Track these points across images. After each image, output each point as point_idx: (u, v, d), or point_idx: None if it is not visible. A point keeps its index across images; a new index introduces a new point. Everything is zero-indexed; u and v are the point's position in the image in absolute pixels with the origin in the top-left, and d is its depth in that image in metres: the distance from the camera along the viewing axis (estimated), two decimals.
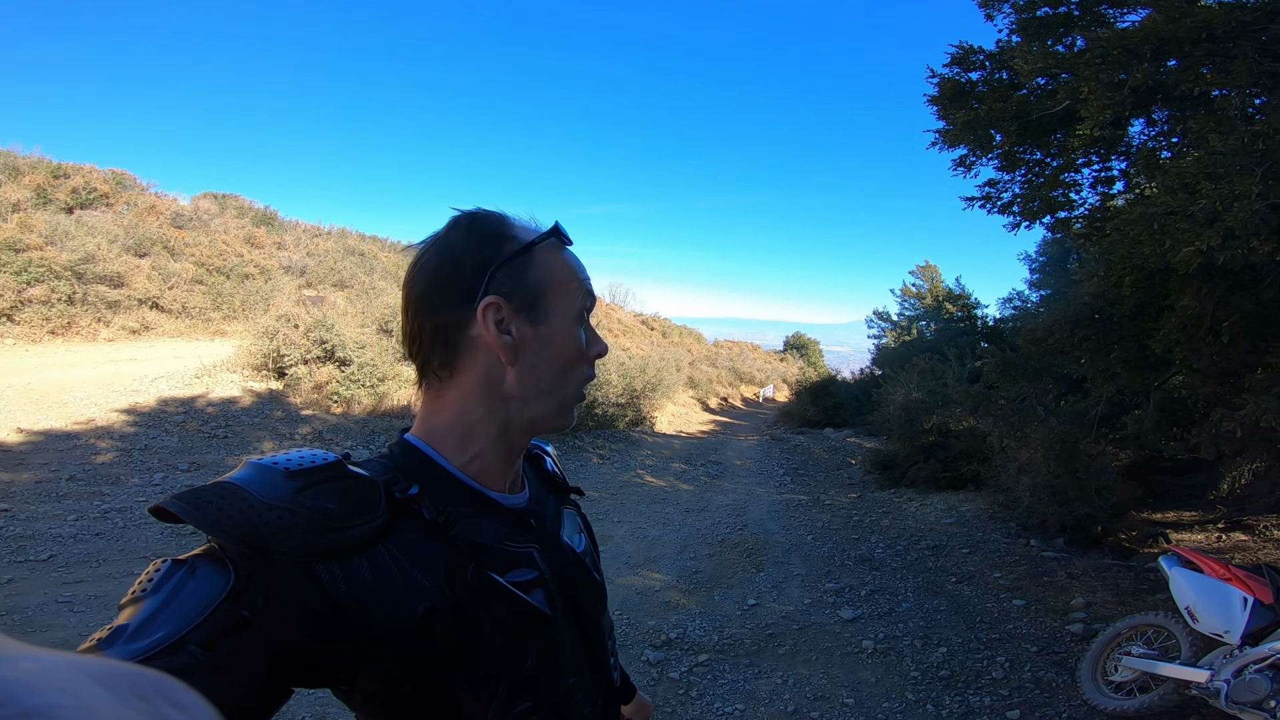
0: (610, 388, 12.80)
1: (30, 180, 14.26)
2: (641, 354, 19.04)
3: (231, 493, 0.60)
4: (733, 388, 26.11)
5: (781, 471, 10.47)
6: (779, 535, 6.54)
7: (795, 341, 43.07)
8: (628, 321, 27.98)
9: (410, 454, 0.77)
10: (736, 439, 14.56)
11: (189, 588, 0.56)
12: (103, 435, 6.98)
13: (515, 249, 0.78)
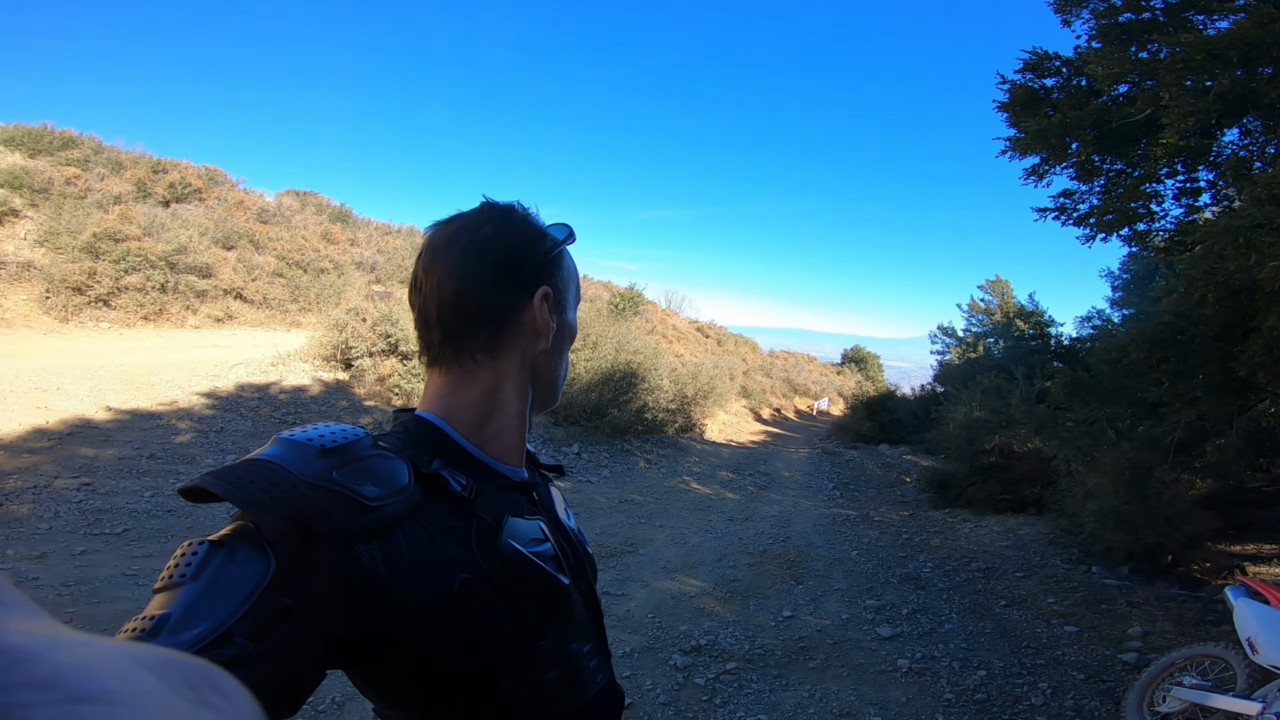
0: (661, 393, 12.78)
1: (132, 175, 15.19)
2: (695, 361, 18.94)
3: (273, 471, 0.59)
4: (786, 399, 25.71)
5: (831, 485, 10.23)
6: (822, 549, 6.37)
7: (854, 355, 42.18)
8: (682, 328, 27.87)
9: (427, 430, 0.77)
10: (787, 451, 14.32)
11: (230, 574, 0.54)
12: (183, 417, 7.36)
13: (553, 245, 0.85)
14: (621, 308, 19.89)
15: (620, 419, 10.93)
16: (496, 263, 0.80)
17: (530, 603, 0.74)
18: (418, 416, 0.79)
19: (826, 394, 27.62)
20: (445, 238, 0.81)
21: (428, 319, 0.80)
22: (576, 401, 10.77)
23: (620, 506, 7.59)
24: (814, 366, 35.54)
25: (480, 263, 0.79)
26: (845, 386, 28.93)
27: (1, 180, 12.12)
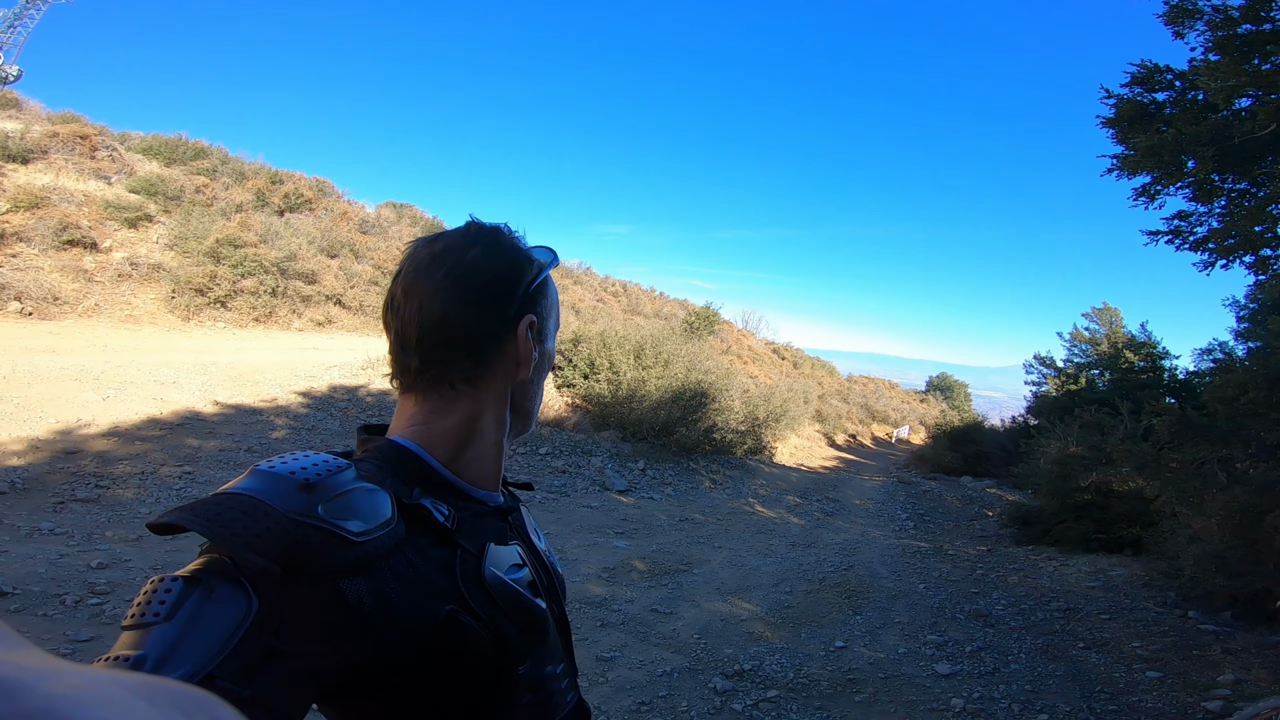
0: (732, 414, 12.59)
1: (252, 185, 16.41)
2: (769, 383, 18.62)
3: (253, 507, 0.56)
4: (863, 425, 24.88)
5: (904, 516, 9.75)
6: (887, 580, 6.03)
7: (940, 383, 40.57)
8: (758, 349, 27.50)
9: (405, 458, 0.75)
10: (860, 478, 13.78)
11: (209, 614, 0.51)
12: (281, 414, 7.78)
13: (539, 271, 0.83)
14: (696, 327, 19.82)
15: (688, 438, 10.81)
16: (483, 289, 0.77)
17: (512, 630, 0.73)
18: (395, 443, 0.76)
19: (907, 422, 26.57)
20: (429, 258, 0.78)
21: (405, 343, 0.77)
22: (645, 419, 10.73)
23: (680, 525, 7.46)
24: (895, 393, 34.37)
25: (466, 288, 0.76)
26: (928, 415, 27.75)
27: (139, 187, 13.30)
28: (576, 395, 11.69)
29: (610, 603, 4.84)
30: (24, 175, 12.25)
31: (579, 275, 25.72)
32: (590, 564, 5.63)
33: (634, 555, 6.04)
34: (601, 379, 11.39)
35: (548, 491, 7.79)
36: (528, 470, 8.33)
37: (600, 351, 11.77)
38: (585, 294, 23.00)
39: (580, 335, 12.25)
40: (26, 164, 12.68)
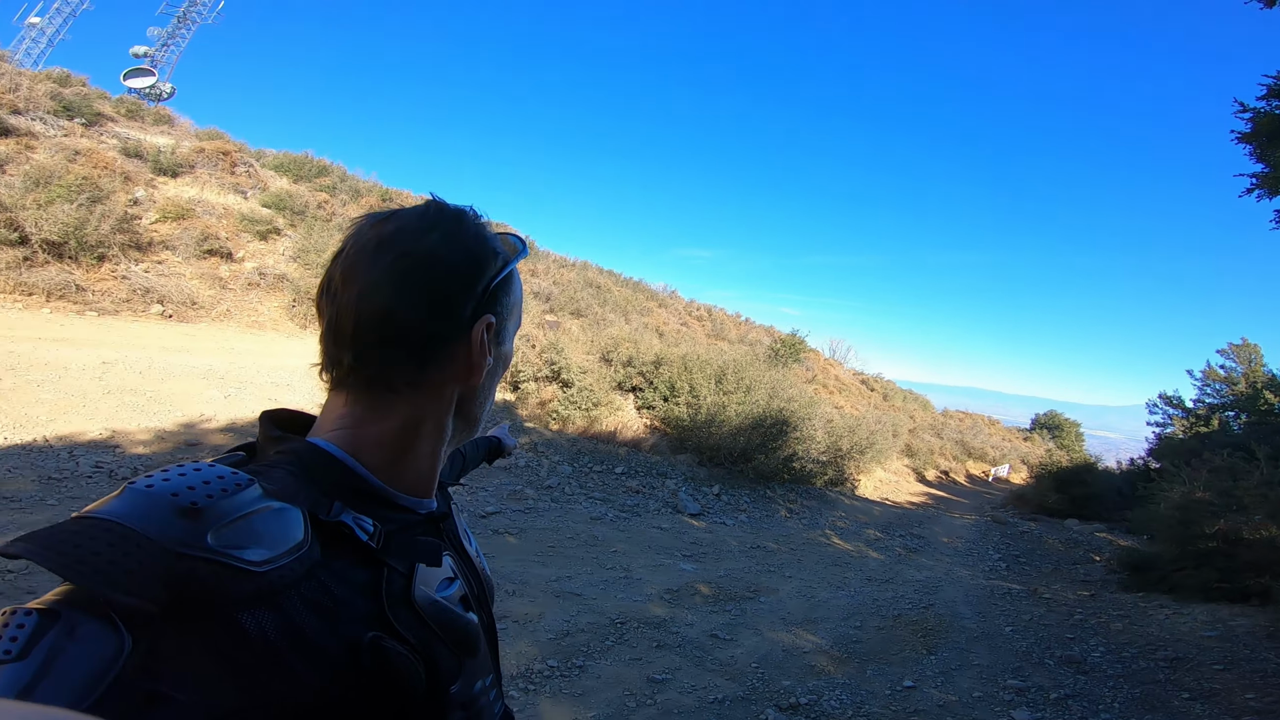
0: (813, 444, 12.25)
1: (366, 202, 17.58)
2: (855, 414, 18.02)
3: (121, 537, 0.47)
4: (957, 462, 23.57)
5: (997, 556, 9.11)
6: (969, 620, 5.62)
7: (1047, 421, 38.02)
8: (845, 379, 26.69)
9: (326, 464, 0.67)
10: (949, 515, 13.02)
11: (71, 653, 0.43)
12: None
13: (504, 265, 0.74)
14: (781, 354, 19.51)
15: (766, 465, 10.58)
16: (436, 283, 0.69)
17: (443, 650, 0.67)
18: (316, 447, 0.68)
19: (1007, 460, 24.96)
20: (376, 241, 0.69)
21: (339, 335, 0.68)
22: (723, 444, 10.60)
23: (751, 552, 7.26)
24: (995, 430, 32.46)
25: (416, 281, 0.68)
26: (1031, 454, 26.00)
27: (270, 202, 14.48)
28: (655, 417, 11.71)
29: (669, 624, 4.74)
30: (173, 188, 13.41)
31: (663, 298, 25.88)
32: (654, 584, 5.55)
33: (700, 579, 5.92)
34: (681, 402, 11.37)
35: (619, 510, 7.78)
36: (601, 488, 8.36)
37: (681, 375, 11.78)
38: (669, 317, 23.08)
39: (662, 358, 12.30)
40: (176, 177, 13.83)
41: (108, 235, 10.65)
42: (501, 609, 4.44)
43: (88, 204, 10.55)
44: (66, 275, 9.94)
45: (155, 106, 18.81)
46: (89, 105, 15.14)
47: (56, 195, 10.33)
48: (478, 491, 7.04)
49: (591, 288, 20.51)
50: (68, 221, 10.04)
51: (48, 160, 11.49)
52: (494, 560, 5.34)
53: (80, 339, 8.22)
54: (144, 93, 23.25)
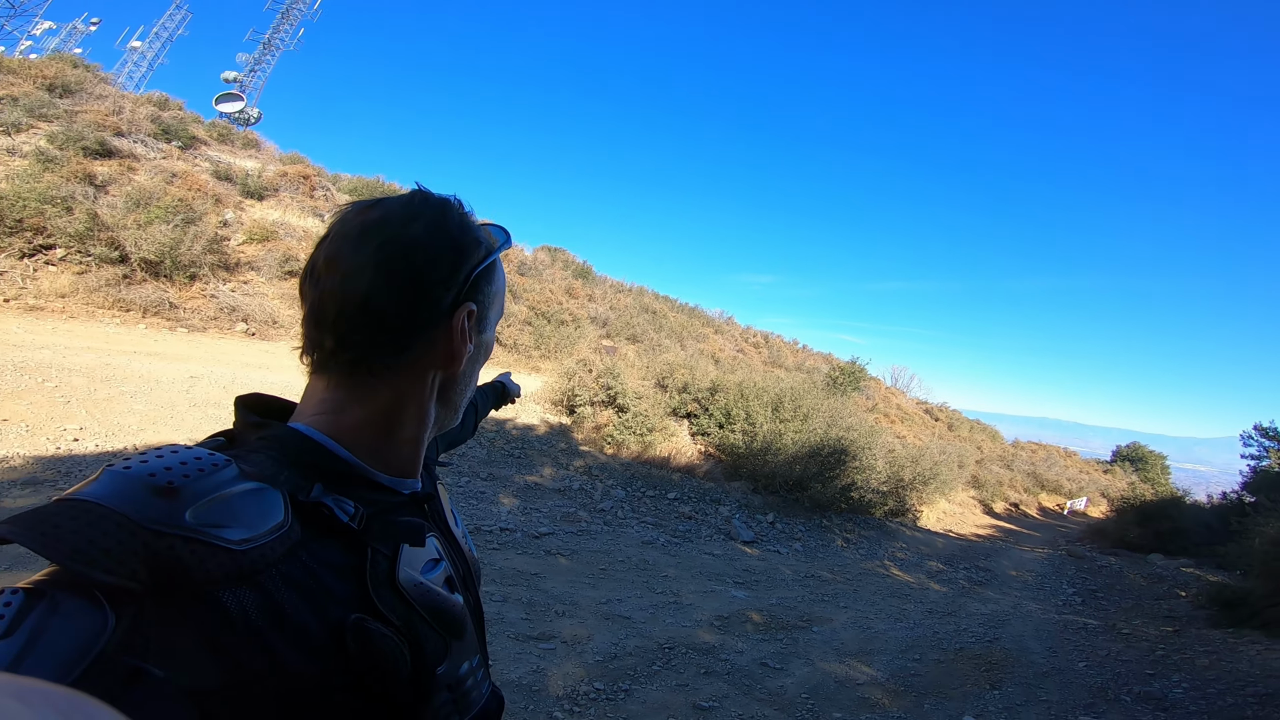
0: (873, 474, 11.93)
1: None
2: (918, 444, 17.47)
3: (99, 516, 0.48)
4: (1028, 494, 22.46)
5: (1070, 591, 8.62)
6: (1039, 655, 5.32)
7: (1130, 453, 35.94)
8: (908, 408, 25.93)
9: (305, 448, 0.67)
10: (1018, 549, 12.40)
11: (54, 629, 0.44)
12: None
13: (486, 254, 0.75)
14: (840, 382, 19.15)
15: (823, 494, 10.34)
16: (419, 271, 0.69)
17: (429, 632, 0.68)
18: (296, 432, 0.68)
19: (1085, 493, 23.64)
20: (360, 228, 0.69)
21: (321, 319, 0.69)
22: (779, 472, 10.43)
23: (805, 581, 7.08)
24: (1071, 462, 30.87)
25: (399, 268, 0.68)
26: (1112, 487, 24.59)
27: None
28: (710, 444, 11.63)
29: (718, 651, 4.66)
30: (258, 210, 14.12)
31: (719, 324, 25.80)
32: (704, 610, 5.47)
33: (751, 606, 5.80)
34: (737, 429, 11.26)
35: (671, 535, 7.72)
36: (654, 513, 8.32)
37: (737, 402, 11.68)
38: (725, 343, 22.98)
39: (718, 385, 12.24)
40: (261, 200, 14.54)
41: (199, 255, 11.38)
42: (550, 629, 4.45)
43: (182, 225, 11.29)
44: (161, 293, 10.67)
45: (244, 131, 19.87)
46: (185, 129, 16.04)
47: (155, 216, 11.08)
48: (532, 513, 7.11)
49: (647, 313, 20.65)
50: (164, 242, 10.76)
51: (147, 182, 12.31)
52: (545, 581, 5.37)
53: (171, 354, 8.75)
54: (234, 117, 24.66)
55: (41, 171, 11.00)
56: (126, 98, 16.20)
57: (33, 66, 15.16)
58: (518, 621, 4.46)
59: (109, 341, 8.65)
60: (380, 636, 0.61)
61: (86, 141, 12.49)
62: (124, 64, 35.81)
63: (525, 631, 4.33)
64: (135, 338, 9.29)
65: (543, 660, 3.99)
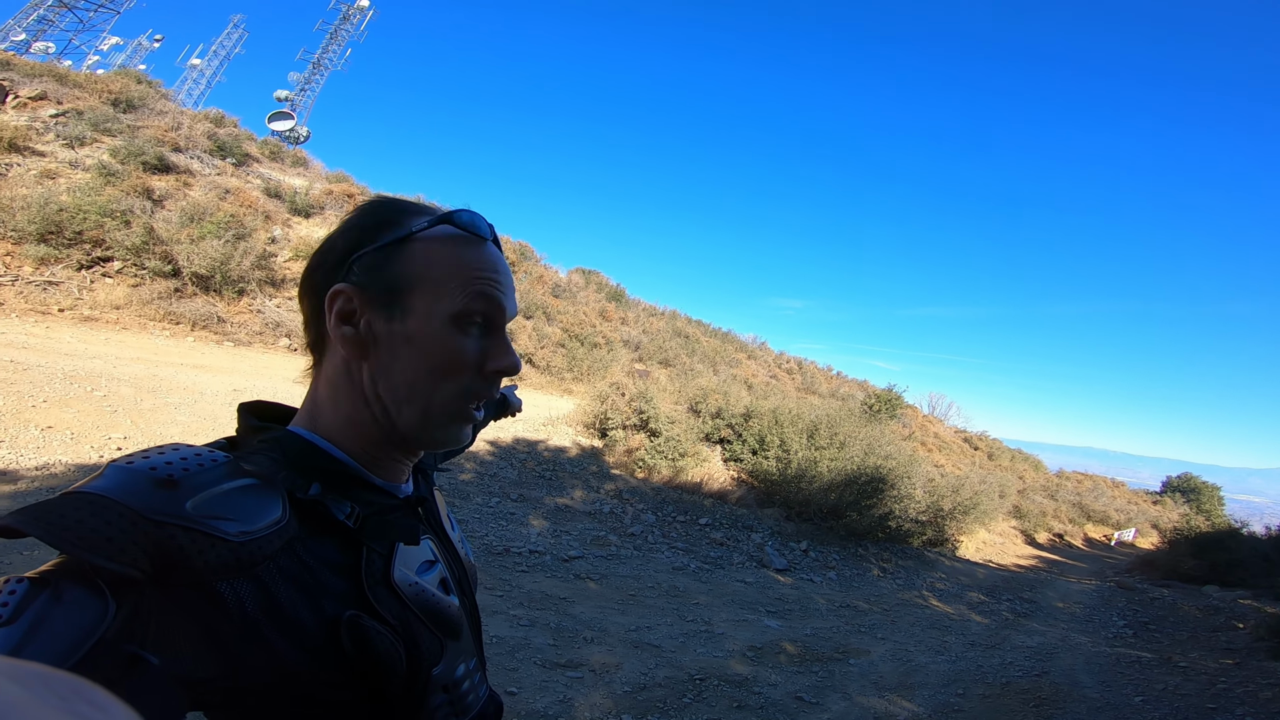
0: (912, 503, 11.63)
1: None
2: (957, 473, 17.04)
3: (103, 507, 0.49)
4: (1073, 525, 21.69)
5: (1122, 623, 8.23)
6: (1091, 690, 5.06)
7: (1181, 484, 34.68)
8: (946, 437, 25.36)
9: (302, 449, 0.69)
10: (1064, 579, 11.92)
11: (57, 617, 0.45)
12: (469, 458, 8.44)
13: (380, 235, 0.72)
14: (876, 409, 18.83)
15: (859, 523, 10.10)
16: (325, 254, 0.73)
17: (424, 632, 0.69)
18: (292, 433, 0.71)
19: (1134, 524, 22.78)
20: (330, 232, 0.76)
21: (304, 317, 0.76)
22: (813, 500, 10.25)
23: (840, 611, 6.88)
24: (1119, 493, 29.83)
25: (324, 254, 0.73)
26: (1163, 518, 23.66)
27: None
28: (743, 470, 11.50)
29: (751, 683, 4.52)
30: (305, 228, 14.39)
31: (752, 350, 25.65)
32: (736, 640, 5.33)
33: (785, 637, 5.64)
34: (771, 456, 11.13)
35: (702, 561, 7.59)
36: (685, 538, 8.20)
37: (772, 428, 11.56)
38: (758, 369, 22.79)
39: (752, 410, 12.14)
40: (308, 218, 14.80)
41: (248, 271, 11.70)
42: (578, 656, 4.37)
43: (233, 241, 11.65)
44: (210, 307, 11.00)
45: (294, 149, 20.47)
46: (239, 146, 16.52)
47: (207, 231, 11.45)
48: (561, 536, 7.05)
49: (680, 337, 20.63)
50: (215, 257, 11.10)
51: (202, 198, 12.69)
52: (574, 606, 5.30)
53: (216, 366, 8.94)
54: (285, 135, 25.43)
55: (103, 185, 11.42)
56: (185, 114, 16.72)
57: (99, 81, 15.76)
58: (545, 648, 4.38)
59: (158, 353, 8.91)
60: (375, 634, 0.62)
61: (146, 156, 12.92)
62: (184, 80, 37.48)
63: (552, 658, 4.25)
64: (183, 350, 9.56)
65: (570, 689, 3.90)
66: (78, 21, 29.21)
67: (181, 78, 37.92)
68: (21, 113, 13.19)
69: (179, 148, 14.42)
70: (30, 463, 5.11)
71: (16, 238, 9.99)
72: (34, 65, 15.39)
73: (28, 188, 10.70)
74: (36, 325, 8.77)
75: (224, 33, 39.37)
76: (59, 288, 9.86)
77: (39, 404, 5.93)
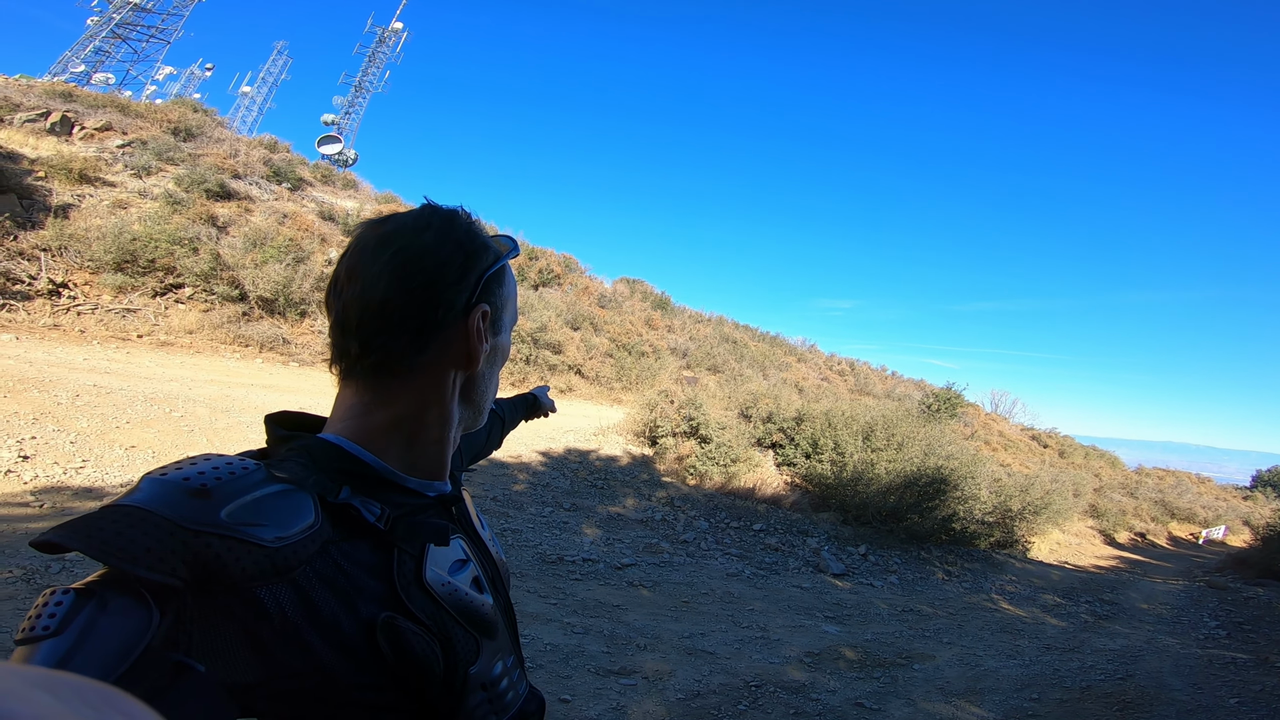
0: (977, 504, 11.19)
1: (514, 262, 18.94)
2: (1027, 472, 16.36)
3: (140, 518, 0.50)
4: (1156, 523, 20.56)
5: (1213, 624, 7.70)
6: (1181, 693, 4.72)
7: (1274, 478, 32.60)
8: (1012, 435, 24.40)
9: (332, 454, 0.70)
10: (1148, 580, 11.26)
11: (103, 627, 0.46)
12: (522, 469, 8.59)
13: (495, 258, 0.79)
14: (935, 409, 18.27)
15: (921, 526, 9.76)
16: (432, 274, 0.73)
17: (459, 632, 0.70)
18: (322, 440, 0.71)
19: (1223, 521, 21.44)
20: (376, 240, 0.73)
21: (345, 326, 0.72)
22: (871, 502, 9.96)
23: (902, 616, 6.63)
24: (1206, 489, 28.19)
25: (414, 273, 0.72)
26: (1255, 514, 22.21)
27: None
28: (796, 474, 11.28)
29: (809, 690, 4.37)
30: None
31: (802, 353, 25.25)
32: (793, 646, 5.18)
33: (844, 642, 5.46)
34: (825, 459, 10.89)
35: (757, 568, 7.44)
36: (739, 544, 8.07)
37: (825, 431, 11.33)
38: (808, 372, 22.42)
39: (804, 414, 11.93)
40: None
41: (308, 293, 12.16)
42: (631, 663, 4.30)
43: (293, 264, 12.12)
44: (275, 329, 11.47)
45: (343, 172, 21.14)
46: (293, 170, 17.22)
47: (269, 256, 11.96)
48: (614, 544, 7.02)
49: (728, 343, 20.49)
50: (278, 280, 11.61)
51: (262, 223, 13.25)
52: (627, 613, 5.24)
53: (283, 386, 9.34)
54: (334, 158, 26.28)
55: (170, 213, 12.05)
56: (241, 141, 17.59)
57: (158, 111, 16.69)
58: (599, 655, 4.34)
59: (229, 374, 9.33)
60: (411, 635, 0.63)
61: (209, 184, 13.55)
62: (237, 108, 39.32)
63: (606, 666, 4.20)
64: (252, 371, 10.00)
65: (623, 697, 3.84)
66: (132, 52, 30.71)
67: (234, 105, 39.83)
68: (89, 144, 14.03)
69: (238, 174, 15.13)
70: (115, 480, 5.37)
71: (94, 267, 10.61)
72: (96, 96, 16.37)
73: (101, 218, 11.35)
74: (117, 351, 9.29)
75: (270, 59, 41.29)
76: (136, 314, 10.44)
77: (122, 425, 6.26)
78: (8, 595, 3.43)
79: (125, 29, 30.10)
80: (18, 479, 4.99)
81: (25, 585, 3.54)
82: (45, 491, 4.92)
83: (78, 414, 6.17)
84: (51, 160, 12.01)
